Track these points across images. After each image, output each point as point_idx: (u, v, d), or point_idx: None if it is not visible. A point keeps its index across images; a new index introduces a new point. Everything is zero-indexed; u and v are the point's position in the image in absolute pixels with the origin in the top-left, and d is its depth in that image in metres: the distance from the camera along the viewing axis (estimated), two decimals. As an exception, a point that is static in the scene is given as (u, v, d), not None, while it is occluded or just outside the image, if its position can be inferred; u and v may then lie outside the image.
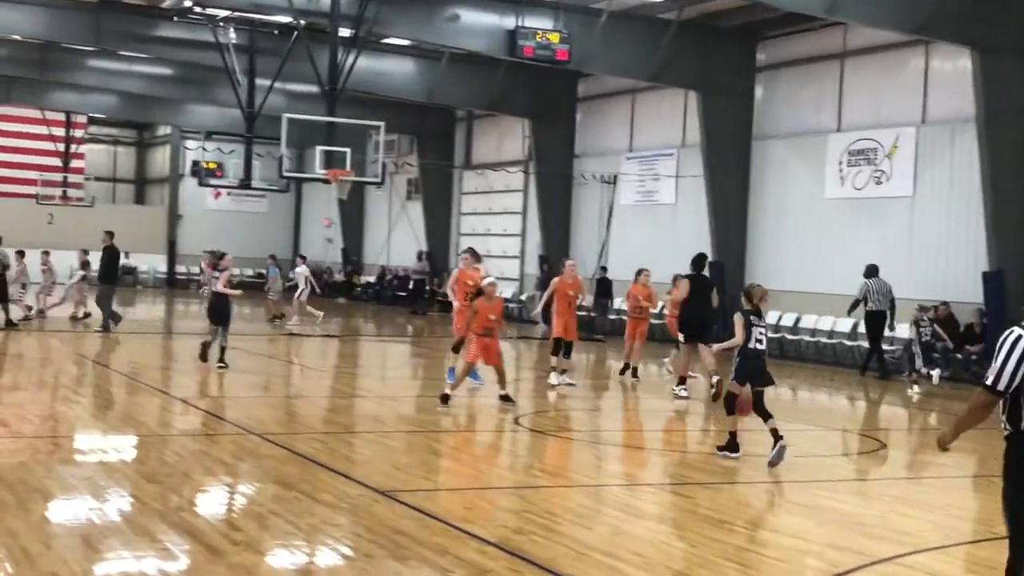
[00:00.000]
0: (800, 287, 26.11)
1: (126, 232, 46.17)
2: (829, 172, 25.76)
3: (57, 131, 48.03)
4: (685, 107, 29.84)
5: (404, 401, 16.54)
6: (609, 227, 32.40)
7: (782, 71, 27.35)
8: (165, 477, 9.87)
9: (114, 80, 37.26)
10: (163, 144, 53.34)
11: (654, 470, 11.93)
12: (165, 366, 20.02)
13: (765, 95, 27.74)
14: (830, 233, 25.71)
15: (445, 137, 40.47)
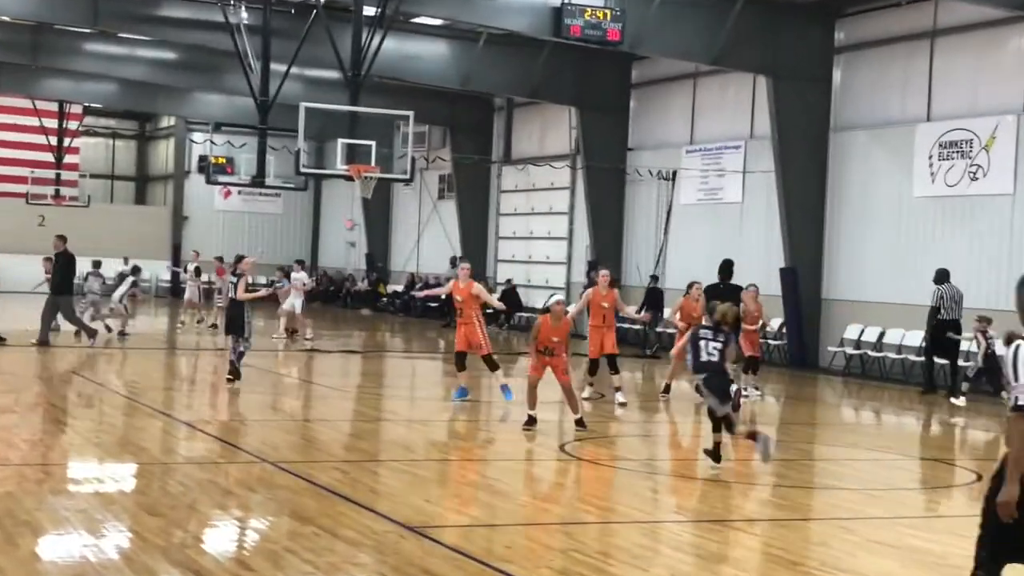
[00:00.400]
0: (884, 297, 25.95)
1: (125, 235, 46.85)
2: (918, 167, 25.60)
3: (49, 123, 48.54)
4: (753, 94, 29.76)
5: (435, 426, 16.58)
6: (667, 229, 32.35)
7: (864, 53, 27.22)
8: (168, 510, 9.95)
9: (113, 66, 37.66)
10: (167, 137, 53.83)
11: (716, 503, 11.89)
12: (168, 386, 20.18)
13: (845, 80, 27.62)
14: (918, 236, 25.55)
15: (482, 128, 40.56)
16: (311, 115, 25.93)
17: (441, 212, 42.98)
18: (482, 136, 40.48)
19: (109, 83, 41.72)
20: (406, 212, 45.97)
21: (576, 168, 35.42)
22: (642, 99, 34.02)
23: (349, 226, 49.57)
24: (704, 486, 12.78)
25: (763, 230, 29.04)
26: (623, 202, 34.14)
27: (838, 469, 14.26)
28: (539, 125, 38.38)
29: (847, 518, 10.99)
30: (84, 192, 47.94)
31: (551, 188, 37.23)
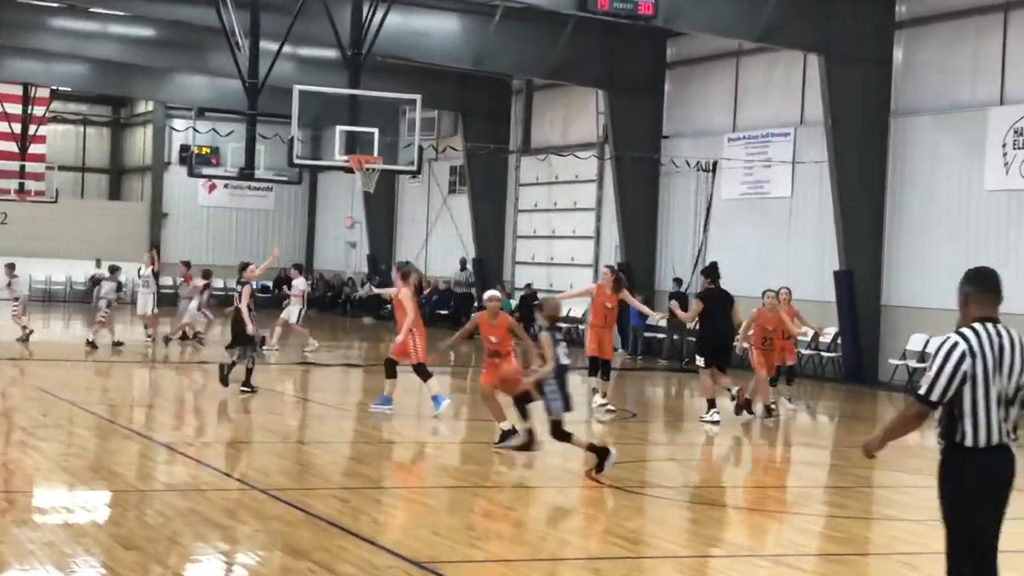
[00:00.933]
0: (951, 304, 25.63)
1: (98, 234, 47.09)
2: (990, 156, 25.53)
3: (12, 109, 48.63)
4: (804, 75, 29.72)
5: (446, 448, 16.59)
6: (707, 227, 32.34)
7: (928, 28, 27.16)
8: (146, 543, 9.97)
9: (84, 44, 37.77)
10: (144, 124, 54.00)
11: (762, 536, 11.88)
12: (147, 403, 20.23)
13: (907, 59, 27.57)
14: (990, 234, 25.48)
15: (498, 114, 40.57)
16: (306, 99, 25.98)
17: (452, 208, 43.02)
18: (498, 123, 40.48)
19: (79, 64, 41.84)
20: (413, 208, 46.02)
21: (604, 158, 35.41)
22: (678, 81, 34.00)
23: (349, 224, 49.66)
24: (749, 516, 12.77)
25: (815, 228, 28.99)
26: (657, 197, 34.11)
27: (900, 497, 14.23)
28: (562, 110, 38.39)
29: (910, 552, 10.97)
30: (51, 186, 47.99)
31: (576, 181, 37.23)
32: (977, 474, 6.82)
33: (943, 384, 6.77)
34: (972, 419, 6.79)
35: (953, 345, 6.82)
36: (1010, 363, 6.84)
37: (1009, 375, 6.84)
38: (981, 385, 6.77)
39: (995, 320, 6.99)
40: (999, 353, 6.82)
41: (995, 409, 6.79)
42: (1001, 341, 6.85)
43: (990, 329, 6.89)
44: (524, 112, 40.01)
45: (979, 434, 6.79)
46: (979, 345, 6.80)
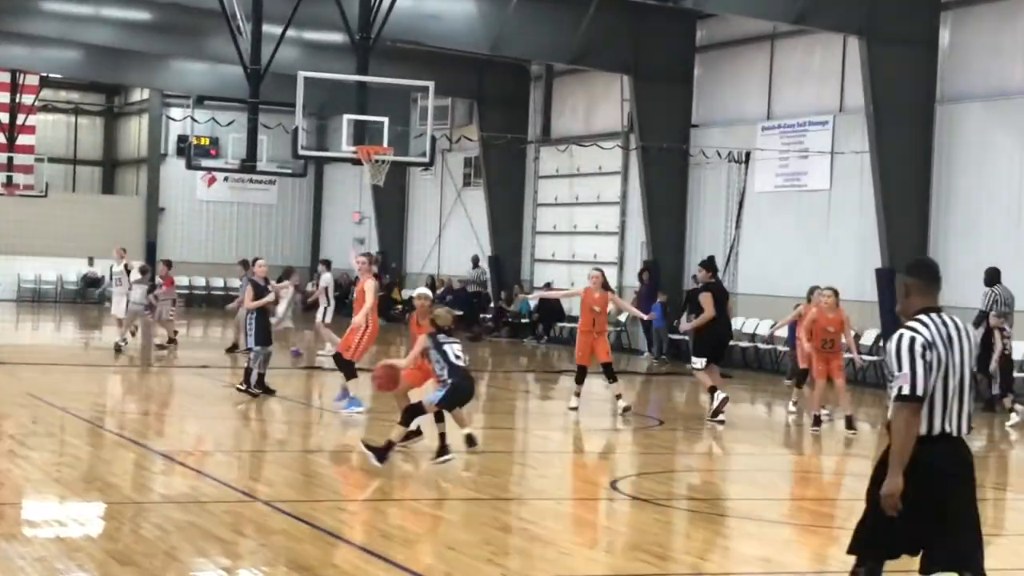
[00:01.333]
0: (1004, 304, 25.80)
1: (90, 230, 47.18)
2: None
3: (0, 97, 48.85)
4: (844, 59, 29.67)
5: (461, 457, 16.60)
6: (739, 222, 32.31)
7: (977, 8, 27.09)
8: (142, 558, 10.00)
9: (75, 29, 37.85)
10: (139, 113, 54.13)
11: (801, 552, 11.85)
12: (142, 410, 20.28)
13: (954, 42, 27.50)
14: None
15: (516, 102, 40.56)
16: (312, 86, 25.99)
17: (467, 202, 43.04)
18: (516, 111, 40.47)
19: (70, 49, 41.91)
20: (425, 202, 46.05)
21: (629, 149, 35.39)
22: (709, 66, 33.96)
23: (357, 219, 49.73)
24: (786, 532, 12.75)
25: (855, 222, 28.92)
26: (686, 190, 34.08)
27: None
28: (585, 98, 38.38)
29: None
30: (41, 179, 48.12)
31: (599, 173, 37.22)
32: (930, 461, 7.24)
33: (922, 376, 7.21)
34: (930, 409, 7.27)
35: (912, 339, 7.31)
36: (959, 350, 7.40)
37: (961, 363, 7.38)
38: (937, 376, 7.28)
39: (939, 310, 7.59)
40: (949, 342, 7.39)
41: (948, 397, 7.30)
42: (948, 331, 7.44)
43: (936, 320, 7.47)
44: (544, 100, 40.00)
45: (936, 422, 7.29)
46: (931, 336, 7.36)
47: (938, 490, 7.27)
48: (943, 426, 7.29)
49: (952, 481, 7.34)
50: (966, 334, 7.50)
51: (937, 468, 7.27)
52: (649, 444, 18.49)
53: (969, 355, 7.47)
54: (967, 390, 7.40)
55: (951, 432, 7.31)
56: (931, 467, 7.25)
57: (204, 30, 35.62)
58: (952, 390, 7.32)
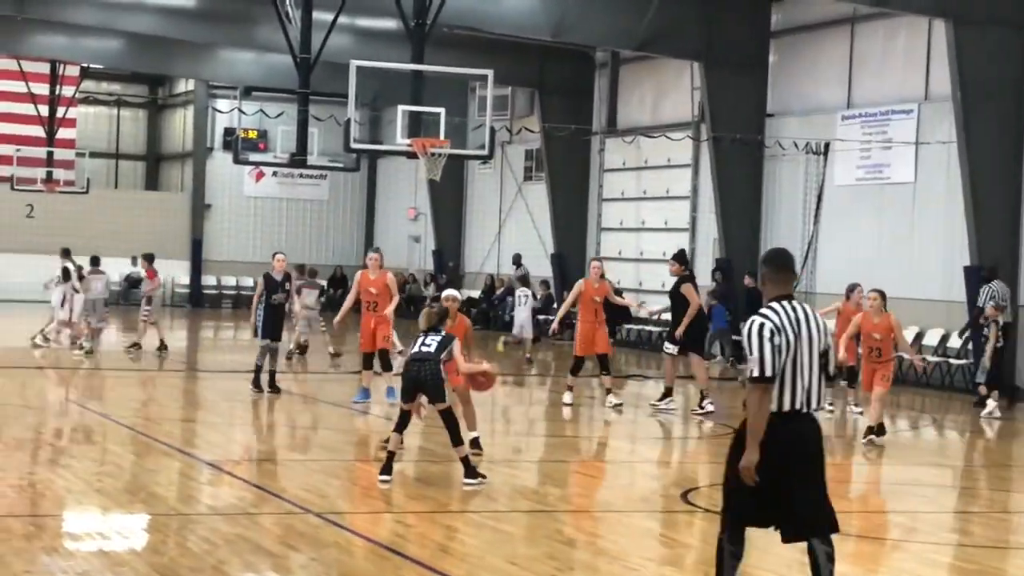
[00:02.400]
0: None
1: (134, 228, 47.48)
2: None
3: (39, 89, 49.26)
4: (929, 44, 29.48)
5: (522, 467, 16.62)
6: (818, 217, 32.18)
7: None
8: (188, 572, 10.08)
9: (118, 17, 38.15)
10: (184, 105, 54.47)
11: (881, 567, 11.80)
12: (188, 417, 20.42)
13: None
14: None
15: (580, 91, 40.56)
16: (364, 76, 26.10)
17: (528, 197, 43.05)
18: (580, 101, 40.46)
19: (113, 38, 42.28)
20: (484, 198, 46.10)
21: (700, 140, 35.31)
22: (785, 52, 33.84)
23: (412, 216, 49.83)
24: (865, 545, 12.69)
25: (942, 217, 28.74)
26: (761, 183, 33.97)
27: None
28: (653, 86, 38.32)
29: None
30: (82, 175, 48.56)
31: (668, 165, 37.16)
32: (780, 436, 8.41)
33: (770, 359, 8.38)
34: (779, 389, 8.46)
35: (760, 325, 8.47)
36: (808, 335, 8.52)
37: (809, 346, 8.51)
38: (786, 358, 8.44)
39: (790, 297, 8.68)
40: (798, 327, 8.52)
41: (797, 378, 8.47)
42: (797, 316, 8.56)
43: (786, 306, 8.58)
44: (609, 88, 39.96)
45: (785, 401, 8.47)
46: (780, 321, 8.49)
47: (789, 461, 8.44)
48: (792, 404, 8.46)
49: (802, 453, 8.53)
50: (815, 320, 8.60)
51: (788, 442, 8.42)
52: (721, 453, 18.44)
53: (818, 339, 8.55)
54: (815, 370, 8.51)
55: (800, 409, 8.49)
56: (783, 441, 8.39)
57: (252, 17, 35.83)
58: (802, 371, 8.46)
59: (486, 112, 26.96)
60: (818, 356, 8.54)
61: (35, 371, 24.90)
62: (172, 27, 38.61)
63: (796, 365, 8.47)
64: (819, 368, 8.55)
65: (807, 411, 8.54)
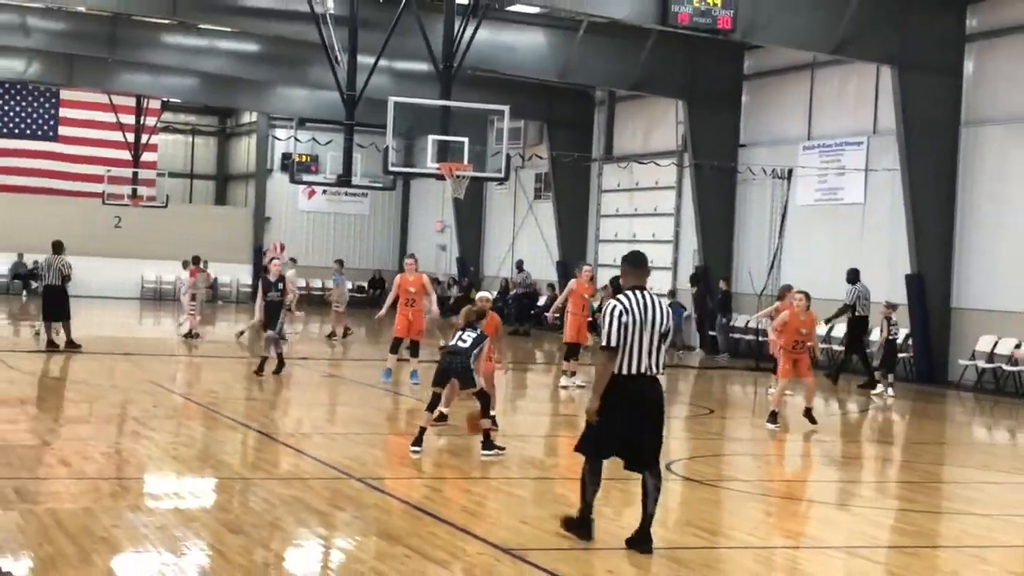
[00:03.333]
0: (1020, 306, 25.49)
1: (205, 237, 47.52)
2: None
3: (126, 119, 49.33)
4: (877, 86, 29.42)
5: (532, 441, 16.62)
6: (782, 232, 32.10)
7: (999, 41, 26.78)
8: (251, 528, 10.08)
9: (192, 59, 38.26)
10: (248, 134, 54.53)
11: (836, 529, 11.78)
12: (251, 396, 20.43)
13: (978, 70, 27.20)
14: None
15: (582, 124, 40.54)
16: (400, 110, 26.10)
17: (537, 213, 43.05)
18: (582, 132, 40.46)
19: (188, 77, 42.38)
20: (500, 213, 46.10)
21: (683, 166, 35.27)
22: (755, 92, 33.79)
23: (439, 228, 49.86)
24: (823, 510, 12.67)
25: (887, 233, 28.68)
26: (734, 203, 33.93)
27: (969, 493, 14.06)
28: (643, 120, 38.29)
29: (980, 546, 10.84)
30: (162, 192, 48.63)
31: (656, 187, 37.13)
32: (624, 394, 9.59)
33: (614, 334, 9.54)
34: (627, 356, 9.56)
35: (613, 307, 9.65)
36: (652, 317, 9.62)
37: (652, 325, 9.60)
38: (633, 333, 9.54)
39: (642, 288, 9.82)
40: (644, 311, 9.62)
41: (642, 349, 9.56)
42: (645, 302, 9.69)
43: (638, 295, 9.72)
44: (606, 122, 39.93)
45: (631, 366, 9.58)
46: (630, 305, 9.62)
47: (635, 411, 9.62)
48: (638, 368, 9.57)
49: (644, 405, 9.68)
50: (659, 305, 9.72)
51: (634, 395, 9.60)
52: (700, 431, 18.43)
53: (660, 321, 9.64)
54: (655, 343, 9.61)
55: (644, 372, 9.60)
56: (630, 396, 9.58)
57: (306, 60, 35.88)
58: (645, 343, 9.57)
59: (503, 141, 26.93)
60: (659, 334, 9.63)
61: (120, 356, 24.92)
62: (239, 68, 38.73)
63: (640, 339, 9.54)
64: (659, 342, 9.64)
65: (650, 374, 9.63)
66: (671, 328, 9.80)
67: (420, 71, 34.33)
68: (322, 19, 29.76)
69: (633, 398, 9.60)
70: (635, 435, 9.67)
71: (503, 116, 26.85)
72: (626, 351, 9.53)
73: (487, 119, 39.39)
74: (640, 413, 9.65)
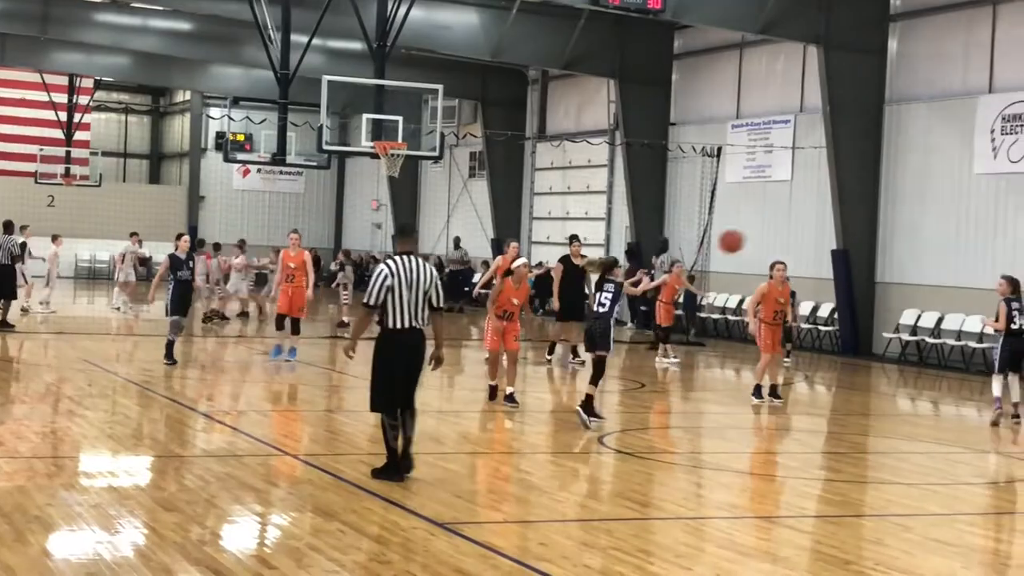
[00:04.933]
0: (942, 280, 25.82)
1: (139, 216, 47.09)
2: (979, 142, 25.43)
3: (59, 98, 48.81)
4: (804, 65, 29.62)
5: (467, 417, 16.62)
6: (712, 209, 32.28)
7: (922, 20, 27.04)
8: (185, 505, 10.02)
9: (126, 37, 37.82)
10: (182, 113, 54.05)
11: (764, 499, 11.89)
12: (184, 375, 20.28)
13: (901, 49, 27.46)
14: (979, 215, 25.40)
15: (515, 103, 40.53)
16: (334, 89, 25.95)
17: (472, 191, 43.01)
18: (515, 111, 40.45)
19: (121, 56, 41.92)
20: (435, 191, 46.02)
21: (615, 144, 35.36)
22: (685, 71, 33.91)
23: (375, 207, 49.70)
24: (751, 481, 12.77)
25: (814, 210, 28.93)
26: (665, 180, 34.07)
27: (894, 463, 14.23)
28: (576, 99, 38.33)
29: (903, 515, 10.96)
30: (95, 171, 48.18)
31: (588, 165, 37.20)
32: (394, 345, 11.00)
33: (375, 293, 10.91)
34: (393, 312, 10.90)
35: (380, 270, 10.97)
36: (416, 279, 10.94)
37: (416, 286, 10.93)
38: (398, 292, 10.87)
39: (410, 253, 11.17)
40: (409, 273, 10.94)
41: (407, 306, 10.89)
42: (409, 266, 10.98)
43: (405, 259, 11.03)
44: (540, 101, 39.95)
45: (397, 321, 10.92)
46: (395, 268, 10.93)
47: (401, 357, 10.97)
48: (402, 323, 10.90)
49: (408, 352, 10.99)
50: (423, 268, 11.03)
51: (401, 345, 10.96)
52: (632, 404, 18.52)
53: (424, 283, 10.95)
54: (419, 302, 10.92)
55: (407, 326, 10.92)
56: (396, 348, 10.95)
57: (239, 39, 35.59)
58: (408, 301, 10.88)
59: (437, 120, 26.83)
60: (423, 293, 10.94)
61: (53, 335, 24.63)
62: (172, 47, 38.35)
63: (404, 298, 10.87)
64: (422, 300, 10.96)
65: (412, 327, 10.93)
66: (437, 287, 11.12)
67: (354, 50, 34.17)
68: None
69: (400, 348, 10.98)
70: (402, 379, 11.04)
71: (437, 95, 26.77)
72: (394, 308, 10.89)
73: (421, 98, 39.34)
74: (406, 359, 11.01)
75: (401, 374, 11.04)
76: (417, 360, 11.09)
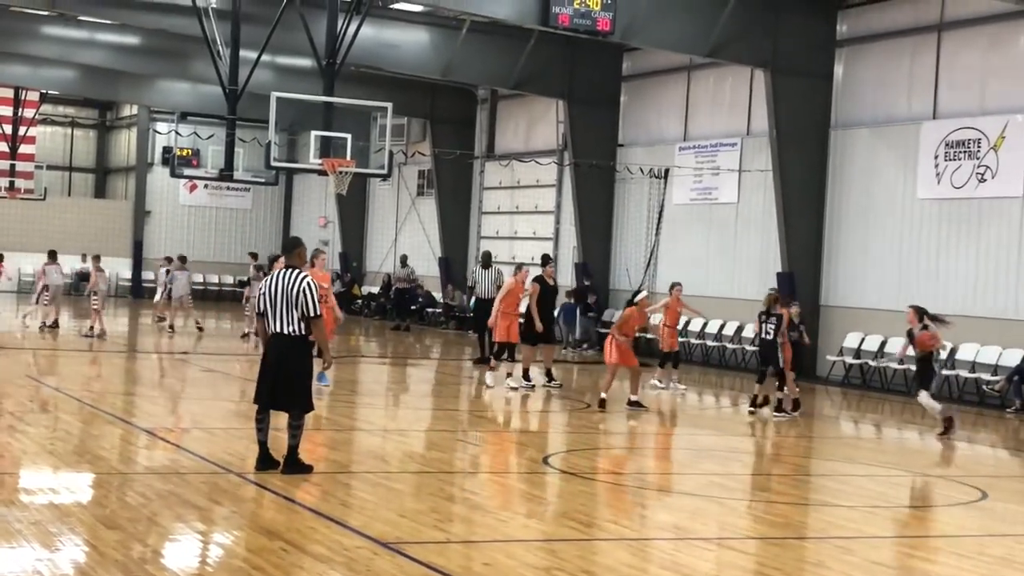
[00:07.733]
0: (886, 304, 26.02)
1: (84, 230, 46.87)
2: (922, 167, 25.70)
3: (4, 111, 48.34)
4: (751, 89, 29.84)
5: (412, 436, 16.60)
6: (659, 230, 32.42)
7: (867, 47, 27.32)
8: (127, 523, 9.94)
9: (72, 51, 37.53)
10: (129, 127, 53.73)
11: (707, 520, 11.93)
12: (128, 391, 20.16)
13: (847, 75, 27.72)
14: (923, 240, 25.66)
15: (464, 121, 40.58)
16: (283, 105, 25.88)
17: (420, 210, 42.99)
18: (464, 130, 40.50)
19: (68, 69, 41.58)
20: (383, 209, 45.98)
21: (563, 164, 35.46)
22: (633, 93, 34.08)
23: (322, 224, 49.55)
24: (694, 502, 12.82)
25: (759, 232, 29.12)
26: (612, 201, 34.20)
27: (835, 485, 14.32)
28: (524, 119, 38.43)
29: (845, 537, 11.04)
30: (40, 184, 47.76)
31: (537, 185, 37.29)
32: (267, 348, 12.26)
33: (262, 303, 12.17)
34: (273, 319, 12.08)
35: (265, 281, 12.26)
36: (284, 290, 12.02)
37: (285, 296, 12.00)
38: (268, 303, 12.13)
39: (290, 267, 12.20)
40: (281, 284, 12.06)
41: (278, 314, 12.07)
42: (285, 278, 12.04)
43: (283, 273, 12.11)
44: (488, 120, 40.03)
45: (274, 327, 12.10)
46: (272, 281, 12.10)
47: (267, 360, 12.21)
48: (275, 328, 12.12)
49: (277, 356, 12.10)
50: (292, 280, 12.04)
51: (275, 352, 12.12)
52: (577, 424, 18.55)
53: (290, 293, 11.99)
54: (286, 310, 12.02)
55: (279, 332, 12.08)
56: (273, 351, 12.12)
57: (187, 54, 35.42)
58: (277, 310, 12.06)
59: (385, 138, 26.82)
60: (286, 302, 12.00)
61: None
62: (119, 61, 38.08)
63: (275, 307, 12.07)
64: (286, 309, 12.02)
65: (282, 333, 12.06)
66: (303, 298, 12.00)
67: (303, 67, 34.11)
68: (204, 13, 29.38)
69: (268, 350, 12.24)
70: (280, 382, 12.10)
71: (386, 113, 26.75)
72: (269, 317, 12.15)
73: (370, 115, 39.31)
74: (275, 363, 12.11)
75: (269, 374, 12.17)
76: (282, 364, 12.11)
